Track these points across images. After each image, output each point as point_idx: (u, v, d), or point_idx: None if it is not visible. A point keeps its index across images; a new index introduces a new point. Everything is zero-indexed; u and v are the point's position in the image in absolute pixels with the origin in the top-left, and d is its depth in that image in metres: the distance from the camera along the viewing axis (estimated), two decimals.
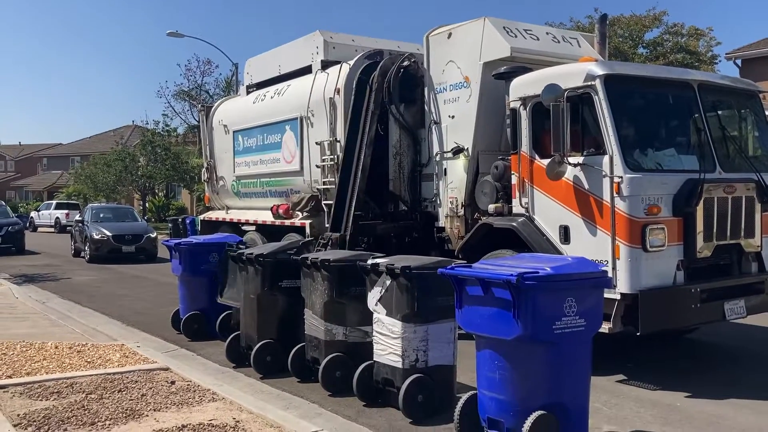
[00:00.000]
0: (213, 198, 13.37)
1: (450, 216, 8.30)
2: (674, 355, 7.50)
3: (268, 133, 11.36)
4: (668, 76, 6.86)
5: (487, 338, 4.48)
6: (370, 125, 8.90)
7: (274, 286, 6.75)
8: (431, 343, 5.33)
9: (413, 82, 8.91)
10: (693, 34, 29.62)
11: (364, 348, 5.82)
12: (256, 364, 6.66)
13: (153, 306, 10.97)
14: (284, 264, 6.74)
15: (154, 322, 9.42)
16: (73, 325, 9.17)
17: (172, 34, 30.29)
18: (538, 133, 6.97)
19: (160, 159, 37.81)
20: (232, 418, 5.11)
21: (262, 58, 12.30)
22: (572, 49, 8.30)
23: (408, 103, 8.94)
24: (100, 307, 10.93)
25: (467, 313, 4.57)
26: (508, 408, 4.38)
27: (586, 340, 4.48)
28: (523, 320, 4.18)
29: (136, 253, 19.77)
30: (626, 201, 6.13)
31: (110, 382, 6.07)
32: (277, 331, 6.78)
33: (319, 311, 6.10)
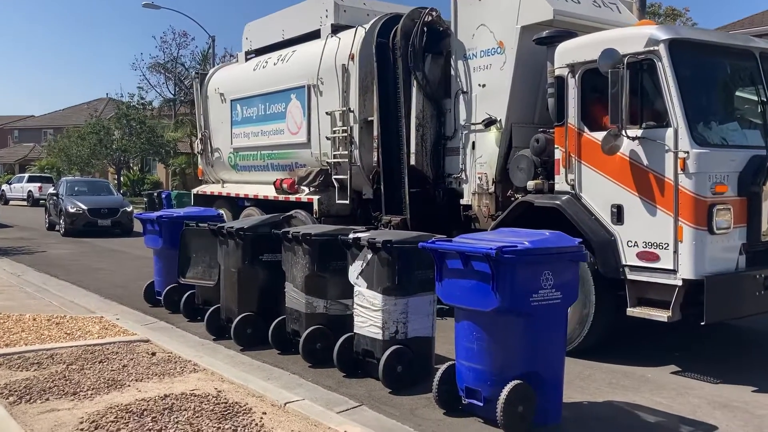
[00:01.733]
0: (207, 171, 12.60)
1: (478, 193, 7.70)
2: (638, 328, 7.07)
3: (270, 102, 10.63)
4: (733, 43, 6.30)
5: (466, 310, 4.62)
6: (406, 97, 8.23)
7: (254, 260, 6.82)
8: (411, 316, 5.44)
9: (438, 36, 8.22)
10: (670, 14, 29.40)
11: (344, 320, 5.91)
12: (236, 336, 6.70)
13: (131, 279, 10.71)
14: (265, 238, 6.80)
15: (132, 295, 9.23)
16: (50, 298, 8.97)
17: (147, 6, 29.12)
18: (587, 103, 6.38)
19: (135, 132, 36.77)
20: (213, 388, 5.13)
21: (262, 23, 11.53)
22: (613, 15, 7.72)
23: (436, 54, 8.24)
24: (77, 281, 10.70)
25: (447, 285, 4.70)
26: (485, 377, 4.54)
27: (562, 312, 4.66)
28: (501, 292, 4.32)
29: (112, 227, 19.45)
30: (692, 178, 5.59)
31: (91, 354, 6.02)
32: (257, 304, 6.84)
33: (300, 285, 6.16)
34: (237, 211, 11.43)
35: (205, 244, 7.58)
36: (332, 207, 9.43)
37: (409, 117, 8.27)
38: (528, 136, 7.15)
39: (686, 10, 29.64)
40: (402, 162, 8.39)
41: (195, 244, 7.75)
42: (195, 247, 7.74)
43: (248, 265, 6.81)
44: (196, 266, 7.73)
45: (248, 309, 6.79)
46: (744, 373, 5.98)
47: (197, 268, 7.73)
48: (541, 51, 6.94)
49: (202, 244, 7.63)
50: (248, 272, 6.84)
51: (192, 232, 7.84)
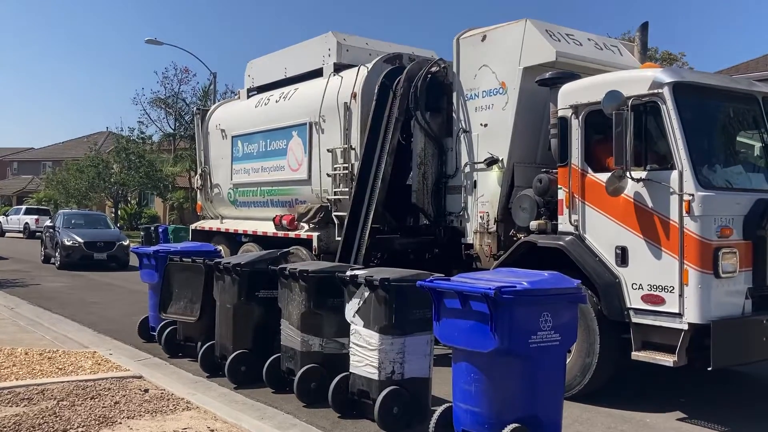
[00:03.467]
0: (206, 206, 12.53)
1: (480, 232, 7.65)
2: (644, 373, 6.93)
3: (272, 138, 10.63)
4: (736, 87, 6.33)
5: (463, 351, 4.56)
6: (393, 133, 8.25)
7: (250, 296, 6.77)
8: (408, 356, 5.36)
9: (441, 89, 8.27)
10: (666, 58, 29.85)
11: (340, 359, 5.81)
12: (230, 374, 6.61)
13: (125, 314, 10.59)
14: (261, 274, 6.74)
15: (126, 330, 9.11)
16: (43, 332, 8.86)
17: (150, 42, 29.41)
18: (591, 144, 6.38)
19: (134, 166, 36.82)
20: (206, 428, 5.07)
21: (265, 60, 11.60)
22: (615, 57, 7.77)
23: (434, 111, 8.29)
24: (70, 314, 10.57)
25: (445, 325, 4.65)
26: (483, 420, 4.45)
27: (561, 354, 4.60)
28: (499, 333, 4.27)
29: (108, 260, 19.33)
30: (698, 221, 5.54)
31: (82, 390, 5.94)
32: (252, 342, 6.77)
33: (296, 322, 6.09)
34: (235, 247, 11.34)
35: (188, 278, 7.54)
36: (332, 244, 9.34)
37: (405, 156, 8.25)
38: (530, 175, 7.13)
39: (682, 55, 30.17)
40: (372, 195, 8.26)
41: (178, 278, 7.69)
42: (178, 282, 7.68)
43: (244, 301, 6.76)
44: (179, 301, 7.68)
45: (243, 346, 6.72)
46: (752, 422, 5.84)
47: (179, 303, 7.66)
48: (543, 91, 6.97)
49: (185, 278, 7.58)
50: (244, 309, 6.78)
51: (175, 266, 7.77)
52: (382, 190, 8.24)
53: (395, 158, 8.44)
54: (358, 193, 8.45)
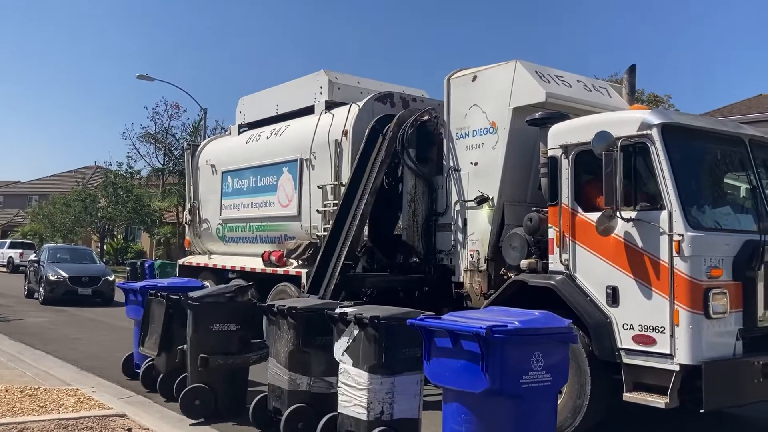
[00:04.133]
0: (194, 242, 12.46)
1: (470, 270, 7.63)
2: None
3: (262, 174, 10.64)
4: (723, 129, 6.42)
5: (454, 391, 4.50)
6: (378, 173, 8.28)
7: (208, 331, 6.76)
8: (397, 396, 5.28)
9: (430, 138, 8.35)
10: (653, 100, 30.31)
11: (328, 399, 5.75)
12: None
13: (109, 350, 10.45)
14: (217, 306, 6.82)
15: (110, 367, 8.96)
16: (24, 368, 8.74)
17: (141, 77, 29.54)
18: (581, 183, 6.42)
19: (121, 201, 36.61)
20: None
21: (256, 97, 11.69)
22: (603, 98, 7.89)
23: (421, 160, 8.36)
24: (53, 350, 10.46)
25: (435, 365, 4.61)
26: None
27: (552, 395, 4.55)
28: (491, 373, 4.23)
29: (93, 295, 19.15)
30: (688, 261, 5.56)
31: (64, 428, 5.84)
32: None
33: (283, 360, 6.02)
34: (223, 283, 11.21)
35: (161, 313, 7.52)
36: None
37: (375, 193, 8.28)
38: (520, 214, 7.15)
39: (668, 97, 30.60)
40: (349, 232, 8.20)
41: (154, 313, 7.67)
42: (155, 317, 7.66)
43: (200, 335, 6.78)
44: (152, 336, 7.65)
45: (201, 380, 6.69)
46: None
47: (153, 338, 7.63)
48: (533, 131, 7.04)
49: (159, 314, 7.56)
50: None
51: (155, 301, 7.73)
52: (359, 228, 8.22)
53: (386, 197, 8.46)
54: (334, 229, 8.43)
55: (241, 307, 6.96)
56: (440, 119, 8.28)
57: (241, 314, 6.93)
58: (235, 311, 6.89)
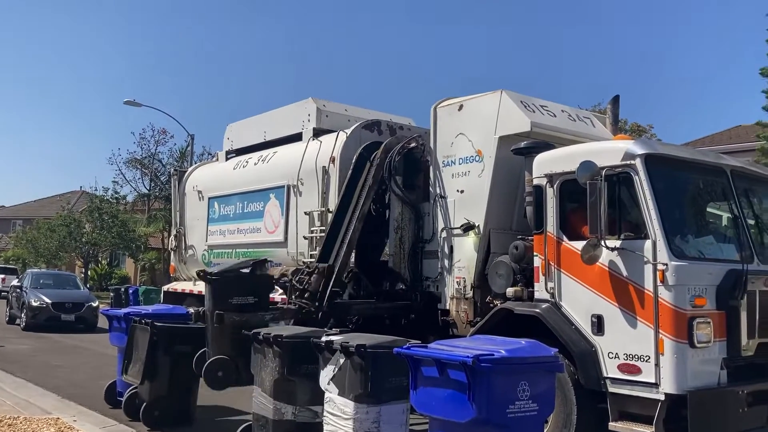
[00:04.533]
0: (179, 268, 12.39)
1: (456, 298, 7.62)
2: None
3: (249, 200, 10.64)
4: (705, 160, 6.51)
5: (440, 420, 4.48)
6: (365, 199, 8.31)
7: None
8: (383, 425, 5.22)
9: (417, 165, 8.40)
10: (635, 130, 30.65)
11: (313, 428, 5.69)
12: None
13: (92, 378, 10.28)
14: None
15: (92, 396, 8.77)
16: (4, 397, 8.58)
17: (129, 103, 29.52)
18: (566, 212, 6.47)
19: (106, 226, 36.36)
20: None
21: (244, 124, 11.73)
22: (588, 128, 7.99)
23: (408, 187, 8.41)
24: (34, 378, 10.23)
25: (422, 394, 4.59)
26: None
27: (539, 424, 4.55)
28: (477, 403, 4.21)
29: (76, 322, 18.88)
30: (672, 291, 5.59)
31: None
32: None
33: (268, 389, 5.95)
34: None
35: (144, 341, 7.46)
36: None
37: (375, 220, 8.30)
38: (506, 241, 7.18)
39: (650, 127, 30.97)
40: (337, 258, 8.17)
41: (138, 341, 7.62)
42: (139, 345, 7.60)
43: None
44: (136, 364, 7.58)
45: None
46: None
47: (136, 366, 7.56)
48: (519, 160, 7.11)
49: (143, 341, 7.50)
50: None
51: (139, 329, 7.66)
52: (347, 254, 8.21)
53: (372, 223, 8.47)
54: (322, 256, 8.41)
55: (259, 280, 7.36)
56: (427, 146, 8.35)
57: (259, 287, 7.29)
58: (254, 284, 7.23)
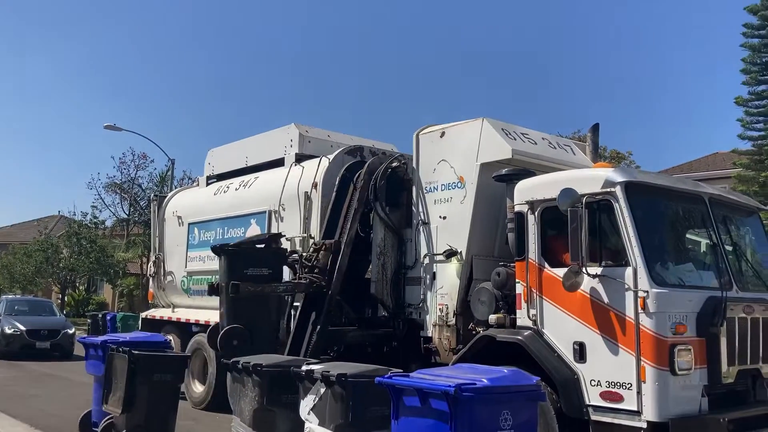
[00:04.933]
0: (158, 294, 12.21)
1: (439, 325, 7.59)
2: None
3: (229, 226, 10.55)
4: (684, 188, 6.59)
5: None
6: (351, 224, 8.28)
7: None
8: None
9: (401, 185, 8.41)
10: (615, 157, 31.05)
11: None
12: None
13: (66, 408, 10.06)
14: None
15: (66, 426, 8.68)
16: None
17: (109, 127, 29.33)
18: (547, 239, 6.50)
19: (84, 251, 35.88)
20: None
21: (226, 149, 11.69)
22: (568, 156, 8.06)
23: (394, 204, 8.39)
24: (6, 408, 10.08)
25: (404, 424, 4.54)
26: None
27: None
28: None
29: (51, 349, 18.45)
30: (653, 318, 5.62)
31: None
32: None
33: (247, 419, 5.86)
34: (186, 338, 11.01)
35: (123, 369, 7.32)
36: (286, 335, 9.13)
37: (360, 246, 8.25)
38: (488, 268, 7.18)
39: (629, 154, 31.40)
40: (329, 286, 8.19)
41: (117, 369, 7.45)
42: (117, 373, 7.44)
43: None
44: (116, 393, 7.39)
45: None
46: None
47: (116, 395, 7.38)
48: (500, 186, 7.14)
49: (122, 369, 7.35)
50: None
51: (117, 357, 7.51)
52: (338, 281, 8.17)
53: (355, 249, 8.44)
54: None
55: (273, 253, 7.82)
56: (410, 166, 8.36)
57: (273, 260, 7.75)
58: (268, 257, 7.69)
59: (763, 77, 18.18)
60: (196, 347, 10.64)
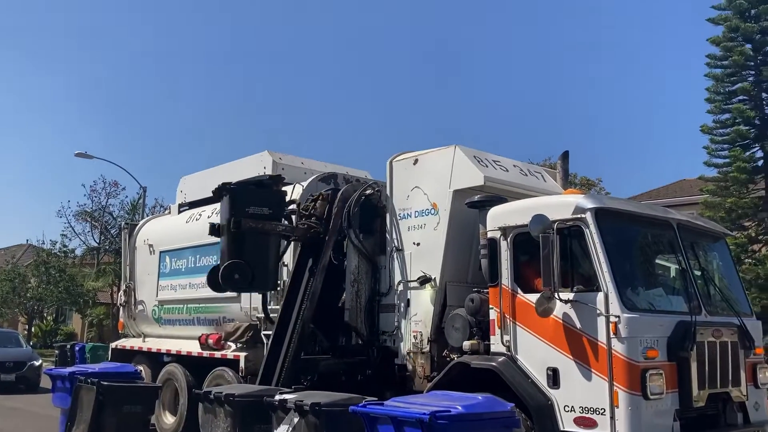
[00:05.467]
0: (128, 324, 12.00)
1: (413, 352, 7.56)
2: None
3: (201, 254, 10.43)
4: (653, 214, 6.72)
5: None
6: (325, 250, 8.26)
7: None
8: None
9: (375, 212, 8.43)
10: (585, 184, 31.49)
11: None
12: None
13: None
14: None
15: None
16: None
17: (80, 155, 29.01)
18: (520, 265, 6.55)
19: (53, 281, 35.19)
20: None
21: (198, 177, 11.61)
22: (539, 183, 8.17)
23: (367, 233, 8.40)
24: None
25: None
26: None
27: None
28: None
29: (17, 382, 17.95)
30: (624, 343, 5.68)
31: None
32: None
33: None
34: (157, 368, 10.79)
35: (90, 401, 7.25)
36: (260, 365, 9.02)
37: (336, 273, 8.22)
38: (462, 294, 7.20)
39: (599, 180, 31.88)
40: (300, 312, 8.16)
41: (83, 401, 7.40)
42: (83, 405, 7.38)
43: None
44: (80, 426, 7.35)
45: None
46: None
47: (80, 427, 7.34)
48: (473, 213, 7.20)
49: (88, 401, 7.26)
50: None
51: (84, 388, 7.39)
52: (310, 308, 8.12)
53: (329, 277, 8.40)
54: (284, 311, 8.29)
55: (274, 193, 7.94)
56: (383, 193, 8.40)
57: (274, 200, 7.87)
58: (269, 196, 7.82)
59: (727, 106, 18.67)
60: (168, 377, 10.44)
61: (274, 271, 8.19)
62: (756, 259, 17.11)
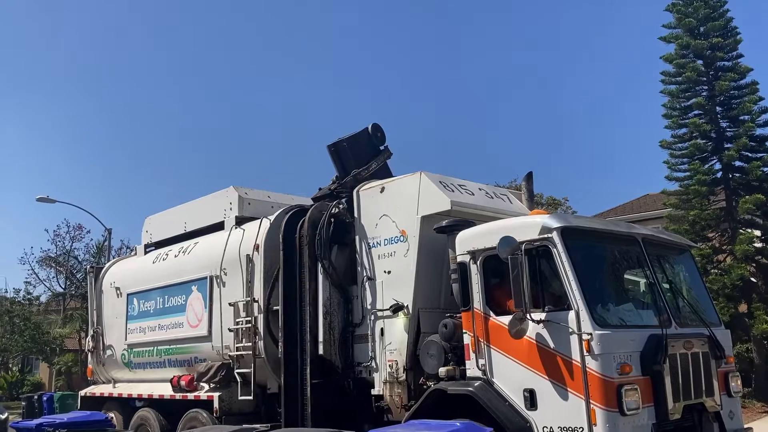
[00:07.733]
0: (97, 370, 11.69)
1: (389, 382, 7.48)
2: None
3: (170, 294, 10.25)
4: (618, 230, 6.80)
5: None
6: (309, 282, 8.17)
7: None
8: None
9: (344, 228, 8.35)
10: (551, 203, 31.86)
11: None
12: None
13: None
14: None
15: None
16: None
17: (42, 200, 28.45)
18: (491, 288, 6.56)
19: (17, 330, 34.18)
20: None
21: (164, 216, 11.47)
22: (505, 205, 8.23)
23: (342, 245, 8.32)
24: None
25: None
26: None
27: None
28: None
29: None
30: (598, 360, 5.69)
31: None
32: None
33: None
34: (129, 414, 10.52)
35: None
36: (234, 404, 8.85)
37: (316, 305, 8.15)
38: (436, 320, 7.17)
39: (565, 200, 32.27)
40: (305, 351, 8.11)
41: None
42: None
43: None
44: None
45: None
46: None
47: None
48: (442, 238, 7.20)
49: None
50: None
51: None
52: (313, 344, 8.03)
53: None
54: (288, 354, 8.15)
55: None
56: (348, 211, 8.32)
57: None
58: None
59: (683, 121, 19.10)
60: (140, 423, 10.17)
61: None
62: (721, 269, 17.40)
